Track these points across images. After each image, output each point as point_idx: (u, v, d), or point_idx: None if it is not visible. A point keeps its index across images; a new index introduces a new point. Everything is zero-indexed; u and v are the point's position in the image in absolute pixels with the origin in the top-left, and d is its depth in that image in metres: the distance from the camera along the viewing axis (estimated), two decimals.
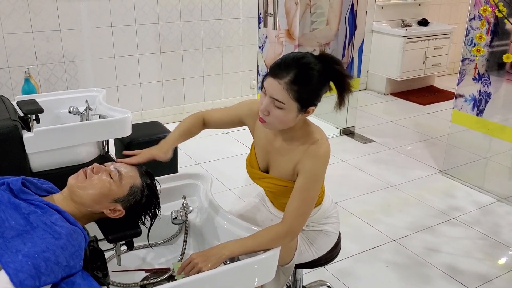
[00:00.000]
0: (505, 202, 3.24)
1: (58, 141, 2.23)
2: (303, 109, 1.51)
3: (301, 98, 1.47)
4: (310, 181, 1.56)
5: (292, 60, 1.47)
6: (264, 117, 1.52)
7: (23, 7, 3.56)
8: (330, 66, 1.50)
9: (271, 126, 1.56)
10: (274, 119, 1.51)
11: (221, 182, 3.37)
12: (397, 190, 3.38)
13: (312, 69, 1.47)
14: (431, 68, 5.46)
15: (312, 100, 1.50)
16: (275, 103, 1.48)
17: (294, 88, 1.45)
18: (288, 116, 1.50)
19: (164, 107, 4.39)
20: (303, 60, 1.47)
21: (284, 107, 1.48)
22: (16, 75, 3.66)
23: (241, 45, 4.59)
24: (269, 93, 1.48)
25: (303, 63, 1.47)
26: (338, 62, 1.52)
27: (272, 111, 1.50)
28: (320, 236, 1.81)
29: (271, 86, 1.47)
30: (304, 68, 1.46)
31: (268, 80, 1.49)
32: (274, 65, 1.49)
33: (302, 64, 1.46)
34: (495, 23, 3.13)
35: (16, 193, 1.40)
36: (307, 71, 1.46)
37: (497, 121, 3.27)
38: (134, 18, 4.01)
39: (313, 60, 1.49)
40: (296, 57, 1.48)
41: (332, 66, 1.50)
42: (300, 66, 1.46)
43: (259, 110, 1.53)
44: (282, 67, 1.46)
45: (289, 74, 1.45)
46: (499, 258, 2.71)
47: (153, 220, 1.61)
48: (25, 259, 1.19)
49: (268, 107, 1.49)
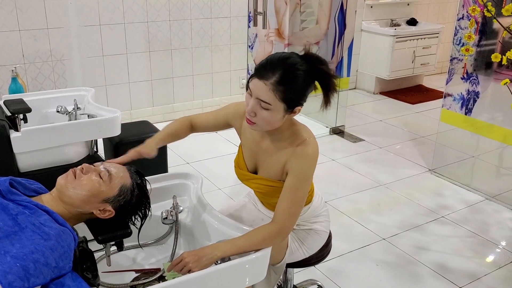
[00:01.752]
0: (493, 200, 3.26)
1: (46, 141, 2.21)
2: (289, 109, 1.50)
3: (288, 98, 1.46)
4: (299, 180, 1.56)
5: (277, 60, 1.46)
6: (251, 118, 1.52)
7: (10, 5, 3.52)
8: (315, 66, 1.49)
9: (258, 128, 1.55)
10: (261, 120, 1.50)
11: (211, 182, 3.36)
12: (387, 189, 3.40)
13: (297, 69, 1.46)
14: (420, 67, 5.50)
15: (298, 100, 1.50)
16: (262, 104, 1.47)
17: (280, 89, 1.44)
18: (275, 116, 1.49)
19: (153, 106, 4.37)
20: (288, 60, 1.47)
21: (271, 108, 1.47)
22: (3, 74, 3.62)
23: (231, 44, 4.58)
24: (255, 94, 1.48)
25: (289, 64, 1.46)
26: (323, 61, 1.51)
27: (259, 112, 1.49)
28: (311, 234, 1.81)
29: (256, 87, 1.46)
30: (290, 68, 1.45)
31: (253, 81, 1.48)
32: (260, 66, 1.48)
33: (288, 64, 1.46)
34: (483, 22, 3.15)
35: (4, 193, 1.38)
36: (293, 71, 1.45)
37: (485, 120, 3.30)
38: (122, 17, 3.98)
39: (298, 60, 1.48)
40: (281, 58, 1.47)
41: (317, 66, 1.49)
42: (285, 66, 1.45)
43: (246, 111, 1.52)
44: (268, 67, 1.45)
45: (275, 74, 1.44)
46: (488, 256, 2.73)
47: (143, 220, 1.60)
48: (14, 260, 1.17)
49: (254, 108, 1.49)
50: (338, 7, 4.19)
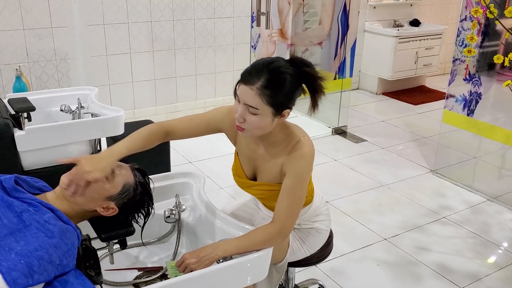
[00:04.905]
0: (494, 201, 3.27)
1: (50, 139, 2.22)
2: (278, 113, 1.50)
3: (275, 102, 1.47)
4: (297, 180, 1.57)
5: (262, 65, 1.47)
6: (240, 125, 1.52)
7: (14, 4, 3.54)
8: (301, 68, 1.50)
9: (249, 133, 1.56)
10: (250, 125, 1.51)
11: (213, 181, 3.37)
12: (389, 190, 3.40)
13: (282, 72, 1.47)
14: (423, 68, 5.50)
15: (285, 103, 1.50)
16: (250, 109, 1.48)
17: (266, 92, 1.45)
18: (263, 121, 1.50)
19: (156, 105, 4.38)
20: (273, 64, 1.48)
21: (259, 112, 1.48)
22: (7, 73, 3.64)
23: (234, 44, 4.58)
24: (242, 100, 1.49)
25: (273, 67, 1.47)
26: (308, 64, 1.52)
27: (248, 118, 1.49)
28: (312, 233, 1.82)
29: (243, 93, 1.47)
30: (275, 72, 1.46)
31: (240, 88, 1.49)
32: (245, 72, 1.49)
33: (273, 68, 1.47)
34: (486, 24, 3.16)
35: (9, 191, 1.39)
36: (278, 75, 1.46)
37: (487, 121, 3.30)
38: (126, 16, 4.00)
39: (283, 63, 1.49)
40: (266, 62, 1.48)
41: (303, 69, 1.50)
42: (270, 70, 1.46)
43: (235, 118, 1.53)
44: (253, 73, 1.46)
45: (260, 79, 1.45)
46: (489, 257, 2.73)
47: (146, 219, 1.61)
48: (18, 257, 1.19)
49: (243, 114, 1.50)
50: (341, 8, 4.20)
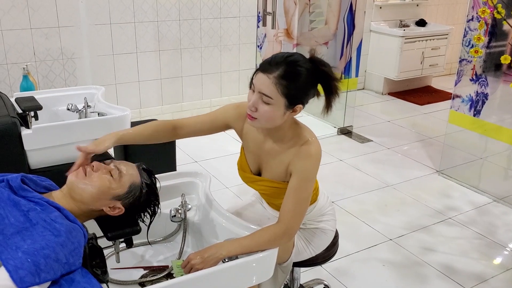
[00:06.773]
0: (501, 202, 3.25)
1: (56, 138, 2.23)
2: (290, 106, 1.52)
3: (289, 94, 1.49)
4: (303, 181, 1.57)
5: (281, 57, 1.51)
6: (252, 113, 1.53)
7: (22, 3, 3.56)
8: (318, 67, 1.53)
9: (258, 123, 1.56)
10: (261, 115, 1.52)
11: (219, 180, 3.38)
12: (394, 190, 3.39)
13: (300, 66, 1.50)
14: (429, 68, 5.48)
15: (299, 97, 1.52)
16: (263, 98, 1.50)
17: (282, 83, 1.47)
18: (275, 112, 1.51)
19: (162, 105, 4.39)
20: (292, 57, 1.51)
21: (272, 102, 1.49)
22: (14, 72, 3.66)
23: (240, 44, 4.59)
24: (257, 88, 1.50)
25: (292, 60, 1.50)
26: (326, 64, 1.55)
27: (260, 107, 1.51)
28: (317, 233, 1.82)
29: (260, 80, 1.50)
30: (293, 64, 1.50)
31: (257, 76, 1.51)
32: (264, 62, 1.53)
33: (291, 61, 1.50)
34: (493, 24, 3.14)
35: (16, 190, 1.40)
36: (296, 67, 1.50)
37: (493, 121, 3.29)
38: (133, 16, 4.01)
39: (302, 59, 1.53)
40: (286, 55, 1.52)
41: (320, 68, 1.53)
42: (289, 63, 1.49)
43: (247, 106, 1.54)
44: (272, 63, 1.50)
45: (278, 69, 1.48)
46: (495, 258, 2.73)
47: (152, 218, 1.61)
48: (25, 256, 1.19)
49: (255, 103, 1.51)
50: (347, 8, 4.19)
